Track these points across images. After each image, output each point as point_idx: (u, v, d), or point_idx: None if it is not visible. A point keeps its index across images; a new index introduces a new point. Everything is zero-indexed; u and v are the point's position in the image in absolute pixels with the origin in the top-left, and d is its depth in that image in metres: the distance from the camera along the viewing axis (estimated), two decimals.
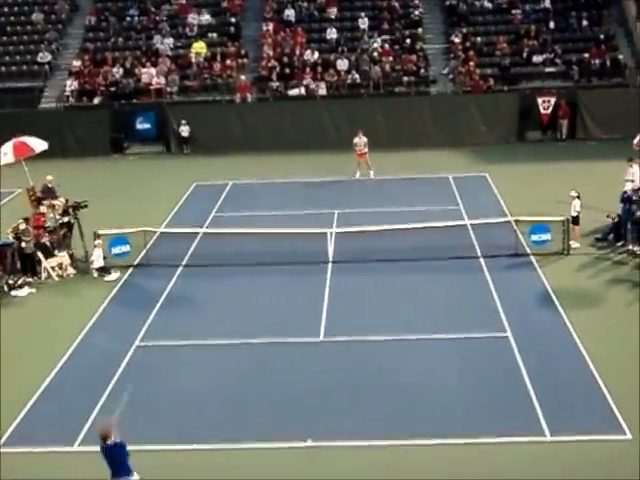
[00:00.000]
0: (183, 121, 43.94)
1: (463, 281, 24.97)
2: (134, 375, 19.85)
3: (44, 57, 48.23)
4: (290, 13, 49.55)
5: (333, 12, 49.68)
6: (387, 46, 46.82)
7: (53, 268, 26.55)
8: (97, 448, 14.84)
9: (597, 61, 44.87)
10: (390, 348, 20.78)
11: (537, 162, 38.51)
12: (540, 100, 43.31)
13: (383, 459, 16.03)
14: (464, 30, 47.41)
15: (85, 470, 15.90)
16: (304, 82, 45.42)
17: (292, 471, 15.72)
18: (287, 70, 46.20)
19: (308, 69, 45.93)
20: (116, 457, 13.88)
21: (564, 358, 19.88)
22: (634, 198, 26.60)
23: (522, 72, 45.65)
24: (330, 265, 26.34)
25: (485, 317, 22.32)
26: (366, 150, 37.17)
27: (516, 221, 27.53)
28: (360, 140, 37.17)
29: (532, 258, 26.32)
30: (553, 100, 43.16)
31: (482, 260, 26.28)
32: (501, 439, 16.40)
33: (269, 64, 46.42)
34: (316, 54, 46.85)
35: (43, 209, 27.84)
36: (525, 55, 45.83)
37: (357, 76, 45.63)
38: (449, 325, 21.79)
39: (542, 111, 43.40)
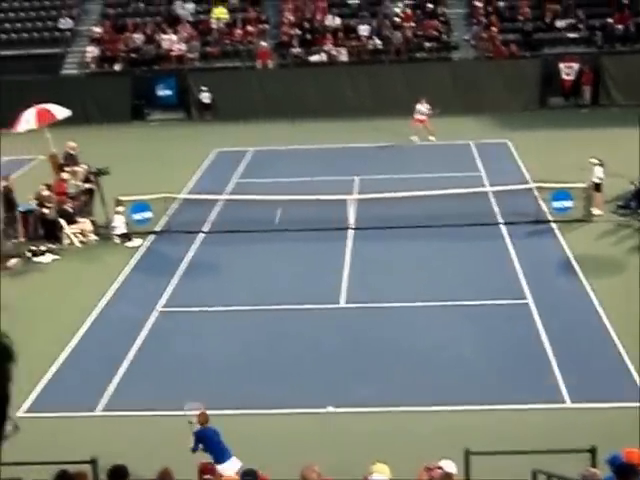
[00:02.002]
0: (204, 88, 43.86)
1: (484, 248, 24.94)
2: (155, 340, 20.01)
3: (65, 23, 48.13)
4: None
5: None
6: (409, 11, 46.46)
7: (75, 234, 26.67)
8: (119, 413, 15.04)
9: (620, 26, 44.36)
10: (411, 315, 20.83)
11: (559, 129, 38.24)
12: (563, 66, 42.94)
13: (403, 425, 16.10)
14: None
15: (107, 435, 16.08)
16: (325, 48, 45.20)
17: (312, 437, 15.82)
18: (308, 36, 45.97)
19: (329, 35, 45.71)
20: (216, 441, 13.75)
21: (585, 325, 19.89)
22: None
23: (545, 38, 45.19)
24: (351, 232, 26.34)
25: (506, 284, 22.31)
26: (424, 117, 37.02)
27: (538, 188, 27.42)
28: (422, 106, 36.99)
29: (553, 225, 26.23)
30: (576, 66, 42.80)
31: (503, 227, 26.21)
32: (521, 406, 16.46)
33: (290, 30, 46.23)
34: (337, 19, 46.53)
35: (65, 176, 27.92)
36: (548, 20, 45.39)
37: (379, 42, 45.38)
38: (470, 292, 21.79)
39: (565, 77, 43.05)
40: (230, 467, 13.36)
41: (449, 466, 11.05)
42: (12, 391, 4.22)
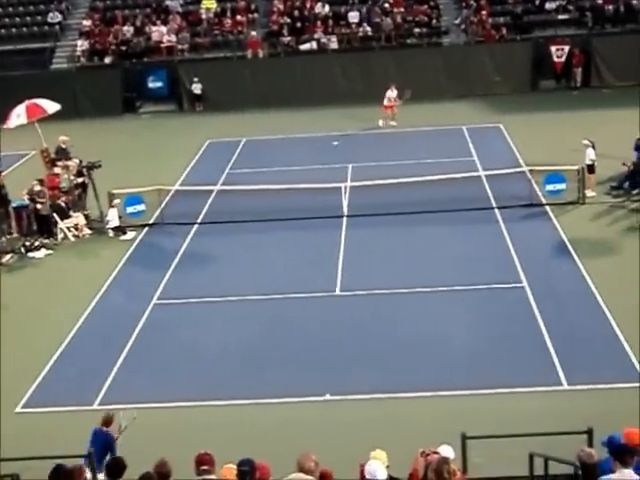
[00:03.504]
0: (195, 79, 43.80)
1: (478, 232, 24.94)
2: (152, 333, 20.00)
3: (54, 17, 47.99)
4: None
5: None
6: None
7: (69, 229, 26.63)
8: (116, 406, 15.04)
9: (611, 7, 44.29)
10: (406, 301, 20.83)
11: (551, 111, 38.20)
12: (553, 48, 42.93)
13: (400, 412, 16.12)
14: None
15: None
16: (315, 36, 45.13)
17: (309, 425, 15.82)
18: (298, 24, 45.87)
19: (319, 23, 45.64)
20: (100, 445, 13.37)
21: (581, 307, 19.91)
22: None
23: (535, 20, 45.15)
24: (345, 219, 26.32)
25: (501, 268, 22.31)
26: (397, 103, 37.33)
27: (531, 171, 27.40)
28: (392, 93, 37.22)
29: (547, 208, 26.23)
30: (567, 48, 42.78)
31: (497, 211, 26.21)
32: (518, 389, 16.48)
33: (280, 19, 46.11)
34: (327, 7, 46.46)
35: (57, 170, 27.88)
36: (537, 2, 45.28)
37: (369, 28, 45.29)
38: (465, 276, 21.79)
39: (556, 59, 43.04)
40: None
41: (446, 451, 11.05)
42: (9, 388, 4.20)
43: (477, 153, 32.50)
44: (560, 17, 44.94)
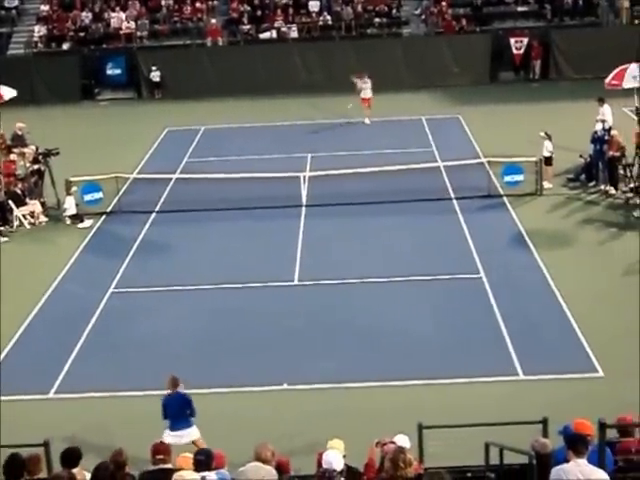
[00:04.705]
0: (154, 67, 43.51)
1: (436, 223, 25.05)
2: (108, 322, 19.89)
3: (11, 2, 47.45)
4: None
5: None
6: None
7: (25, 216, 26.38)
8: (73, 395, 14.95)
9: (570, 0, 44.61)
10: (364, 291, 20.88)
11: (510, 103, 38.39)
12: (512, 40, 43.18)
13: (357, 401, 16.17)
14: None
15: (61, 417, 15.97)
16: (275, 25, 45.01)
17: (267, 415, 15.82)
18: (258, 12, 45.73)
19: (279, 11, 45.52)
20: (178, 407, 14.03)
21: (537, 298, 20.06)
22: (605, 138, 26.64)
23: (494, 12, 45.42)
24: (304, 209, 26.31)
25: (458, 258, 22.42)
26: (371, 95, 36.45)
27: (489, 162, 27.51)
28: (366, 84, 36.26)
29: (505, 199, 26.39)
30: (526, 40, 43.05)
31: (455, 202, 26.32)
32: (474, 379, 16.59)
33: (240, 7, 45.91)
34: None
35: (13, 157, 27.63)
36: None
37: (329, 17, 45.26)
38: (422, 267, 21.88)
39: (515, 51, 43.30)
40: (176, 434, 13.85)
41: (402, 440, 11.10)
42: None
43: (436, 144, 32.61)
44: (519, 9, 45.25)
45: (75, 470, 10.25)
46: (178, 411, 14.07)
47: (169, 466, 10.41)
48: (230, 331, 19.22)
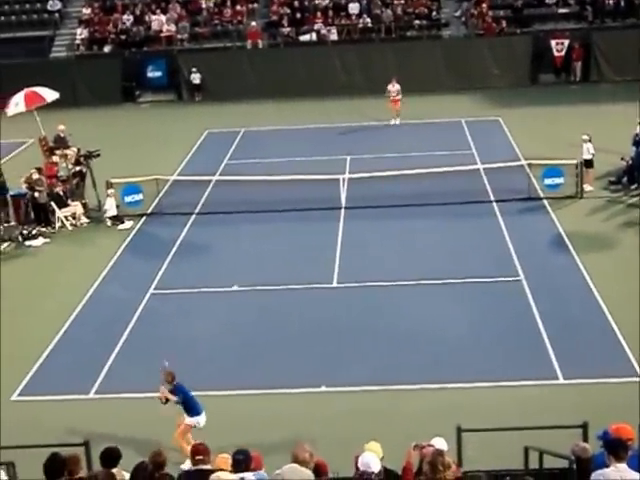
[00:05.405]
0: (194, 69, 43.75)
1: (476, 226, 24.94)
2: (148, 323, 20.00)
3: (54, 5, 47.88)
4: None
5: None
6: None
7: (67, 217, 26.62)
8: (113, 395, 15.01)
9: (611, 1, 44.22)
10: (404, 293, 20.83)
11: (550, 105, 38.20)
12: (553, 42, 42.89)
13: (395, 404, 16.14)
14: None
15: (101, 417, 16.08)
16: (315, 27, 45.05)
17: (305, 416, 15.83)
18: (298, 15, 45.80)
19: (319, 13, 45.56)
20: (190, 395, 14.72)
21: (577, 301, 19.92)
22: None
23: (535, 14, 45.12)
24: (343, 211, 26.30)
25: (498, 261, 22.32)
26: (399, 97, 36.71)
27: (529, 165, 27.37)
28: (393, 87, 36.66)
29: (545, 202, 26.22)
30: (566, 42, 42.73)
31: (495, 204, 26.20)
32: (514, 383, 16.49)
33: (280, 9, 46.02)
34: None
35: (55, 159, 27.90)
36: None
37: (369, 20, 45.22)
38: (462, 270, 21.78)
39: (555, 53, 43.00)
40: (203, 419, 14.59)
41: (440, 443, 11.06)
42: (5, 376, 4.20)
43: (476, 146, 32.48)
44: (560, 11, 44.90)
45: (114, 470, 10.30)
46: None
47: (208, 467, 10.43)
48: (269, 333, 19.25)
